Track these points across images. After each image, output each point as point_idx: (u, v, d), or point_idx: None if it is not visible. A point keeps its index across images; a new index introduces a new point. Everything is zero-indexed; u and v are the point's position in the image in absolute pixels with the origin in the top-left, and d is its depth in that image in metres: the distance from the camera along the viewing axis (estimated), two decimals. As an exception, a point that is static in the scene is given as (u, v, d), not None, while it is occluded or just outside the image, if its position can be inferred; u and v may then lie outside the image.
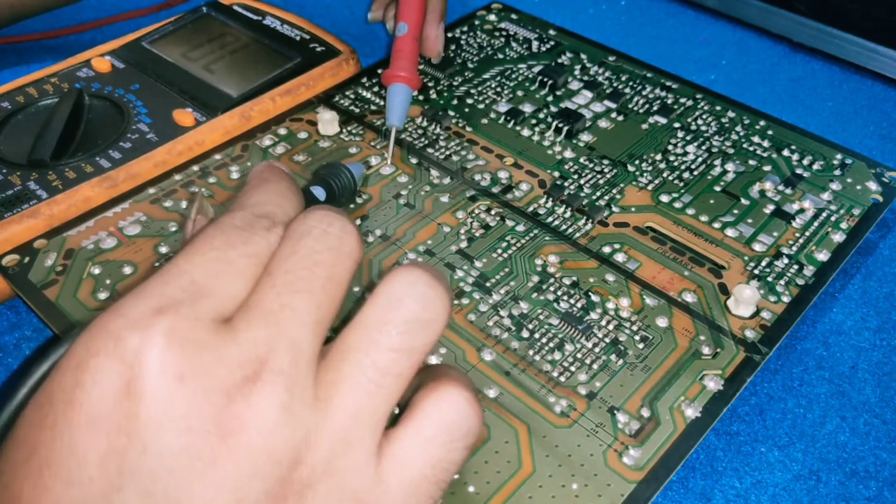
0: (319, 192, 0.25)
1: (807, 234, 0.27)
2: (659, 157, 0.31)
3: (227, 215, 0.16)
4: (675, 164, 0.30)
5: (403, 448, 0.14)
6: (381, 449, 0.14)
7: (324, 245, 0.15)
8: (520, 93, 0.34)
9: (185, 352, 0.13)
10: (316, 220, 0.15)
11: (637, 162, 0.30)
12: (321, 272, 0.14)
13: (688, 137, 0.32)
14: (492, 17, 0.40)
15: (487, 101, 0.34)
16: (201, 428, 0.12)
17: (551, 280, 0.25)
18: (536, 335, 0.24)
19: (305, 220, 0.15)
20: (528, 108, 0.33)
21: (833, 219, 0.28)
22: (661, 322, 0.24)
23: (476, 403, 0.15)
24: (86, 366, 0.13)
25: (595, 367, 0.23)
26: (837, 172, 0.30)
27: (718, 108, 0.33)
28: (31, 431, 0.13)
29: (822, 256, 0.26)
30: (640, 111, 0.33)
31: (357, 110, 0.33)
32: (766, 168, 0.30)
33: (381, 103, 0.33)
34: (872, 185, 0.29)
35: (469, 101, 0.34)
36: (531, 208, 0.28)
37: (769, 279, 0.26)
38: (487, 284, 0.25)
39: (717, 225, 0.28)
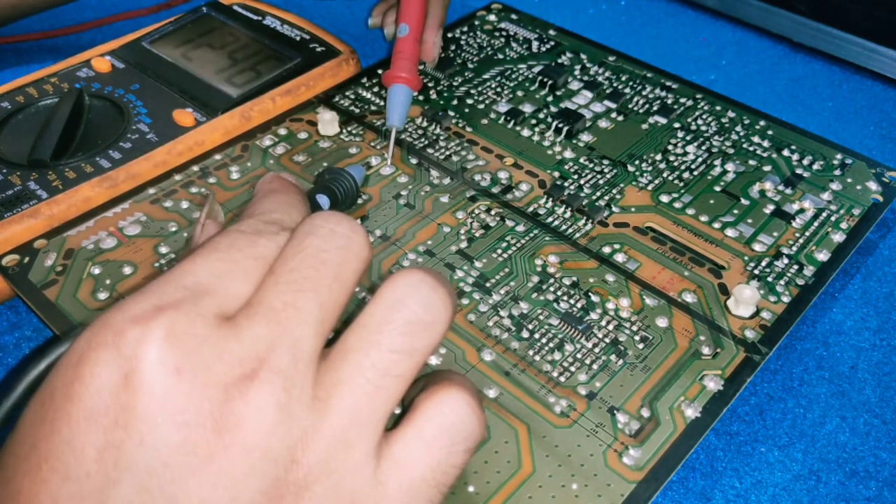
0: (324, 201, 0.25)
1: (807, 234, 0.27)
2: (659, 157, 0.31)
3: (234, 224, 0.16)
4: (675, 164, 0.30)
5: (403, 450, 0.14)
6: (381, 450, 0.14)
7: (331, 244, 0.15)
8: (520, 93, 0.34)
9: (185, 346, 0.13)
10: (323, 220, 0.15)
11: (637, 162, 0.30)
12: (327, 271, 0.14)
13: (688, 137, 0.32)
14: (492, 18, 0.40)
15: (487, 102, 0.34)
16: (198, 423, 0.12)
17: (551, 280, 0.25)
18: (536, 335, 0.24)
19: (312, 220, 0.15)
20: (528, 109, 0.33)
21: (833, 219, 0.28)
22: (661, 322, 0.24)
23: (478, 408, 0.15)
24: (86, 359, 0.13)
25: (595, 367, 0.23)
26: (837, 172, 0.30)
27: (718, 108, 0.33)
28: (33, 427, 0.13)
29: (822, 256, 0.26)
30: (640, 111, 0.33)
31: (357, 110, 0.33)
32: (766, 168, 0.30)
33: (382, 104, 0.33)
34: (872, 185, 0.29)
35: (469, 101, 0.34)
36: (531, 208, 0.28)
37: (769, 279, 0.26)
38: (487, 285, 0.25)
39: (717, 225, 0.28)
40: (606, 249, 0.27)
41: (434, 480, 0.14)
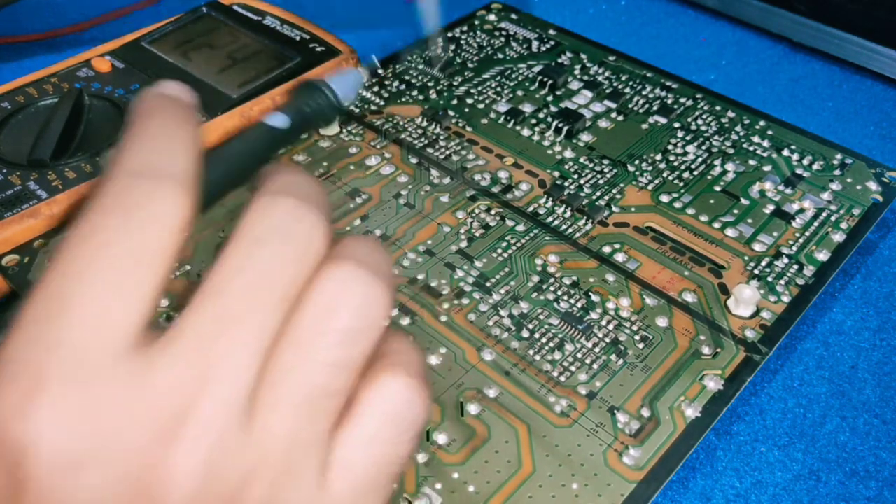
0: (279, 119, 0.17)
1: (807, 234, 0.27)
2: (659, 157, 0.31)
3: (93, 205, 0.12)
4: (675, 163, 0.30)
5: (348, 452, 0.13)
6: (326, 458, 0.13)
7: (285, 257, 0.13)
8: (520, 93, 0.34)
9: (81, 428, 0.11)
10: (278, 220, 0.13)
11: (637, 162, 0.30)
12: (277, 292, 0.12)
13: (688, 137, 0.32)
14: (492, 17, 0.40)
15: (487, 101, 0.34)
16: None
17: (551, 280, 0.25)
18: (536, 335, 0.24)
19: (260, 219, 0.13)
20: (528, 108, 0.33)
21: (833, 219, 0.28)
22: (661, 322, 0.24)
23: (421, 388, 0.14)
24: None
25: (595, 366, 0.23)
26: (837, 172, 0.30)
27: (718, 108, 0.33)
28: None
29: (822, 256, 0.26)
30: (640, 111, 0.33)
31: (357, 110, 0.33)
32: (766, 168, 0.30)
33: (381, 103, 0.33)
34: (872, 185, 0.29)
35: (469, 100, 0.34)
36: (531, 208, 0.28)
37: (769, 279, 0.26)
38: (487, 284, 0.25)
39: (717, 225, 0.28)
40: (606, 249, 0.27)
41: (382, 474, 0.13)
